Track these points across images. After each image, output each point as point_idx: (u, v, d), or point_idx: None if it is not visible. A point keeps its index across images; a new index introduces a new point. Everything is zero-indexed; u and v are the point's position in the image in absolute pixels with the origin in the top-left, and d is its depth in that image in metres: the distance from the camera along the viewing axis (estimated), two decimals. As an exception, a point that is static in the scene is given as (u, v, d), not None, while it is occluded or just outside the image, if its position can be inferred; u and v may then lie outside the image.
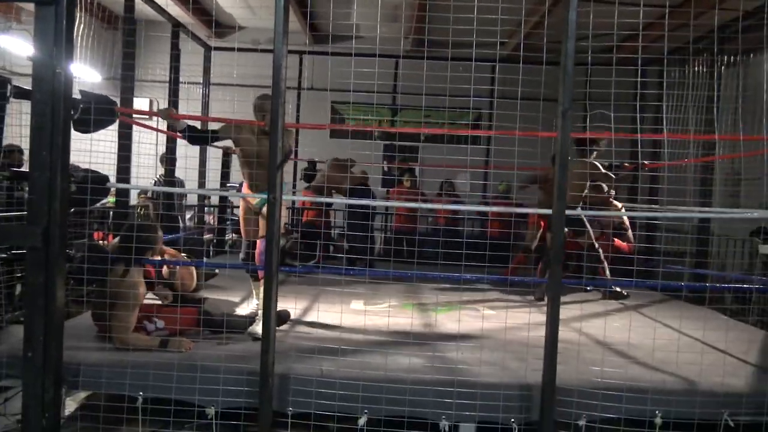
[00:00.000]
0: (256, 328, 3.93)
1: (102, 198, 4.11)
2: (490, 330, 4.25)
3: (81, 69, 6.77)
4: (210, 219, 9.00)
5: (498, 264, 6.53)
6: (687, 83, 5.93)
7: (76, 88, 3.14)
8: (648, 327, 4.35)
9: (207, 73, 7.86)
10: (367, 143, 8.87)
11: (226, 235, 8.52)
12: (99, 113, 3.40)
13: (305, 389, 3.15)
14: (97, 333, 3.77)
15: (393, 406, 3.15)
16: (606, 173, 5.56)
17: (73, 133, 3.07)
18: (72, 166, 3.11)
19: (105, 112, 3.50)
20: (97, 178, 3.55)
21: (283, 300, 3.98)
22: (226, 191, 8.00)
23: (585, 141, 5.44)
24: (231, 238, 8.65)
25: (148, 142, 5.56)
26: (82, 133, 3.44)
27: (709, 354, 3.82)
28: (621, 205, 6.34)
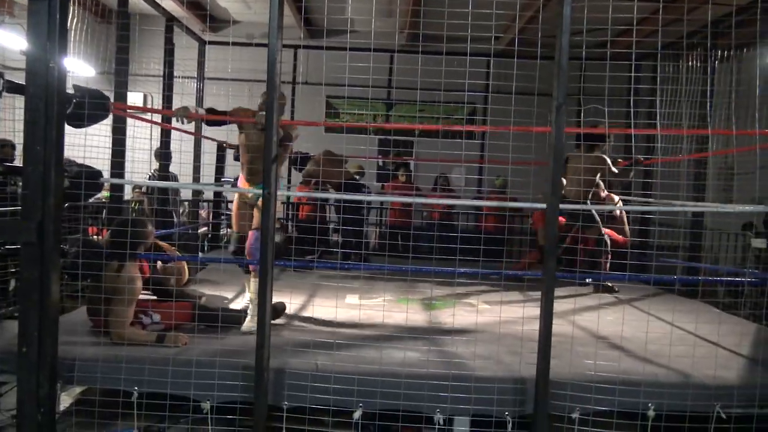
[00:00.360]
0: (249, 324, 3.94)
1: (96, 193, 4.09)
2: (484, 324, 4.26)
3: (74, 63, 6.72)
4: (203, 214, 8.98)
5: (493, 258, 6.55)
6: (680, 78, 5.95)
7: (69, 82, 3.12)
8: (641, 320, 4.38)
9: (201, 68, 7.83)
10: (362, 138, 8.86)
11: (220, 230, 8.51)
12: (92, 108, 3.39)
13: (300, 383, 3.16)
14: (92, 328, 3.77)
15: (388, 399, 3.17)
16: (613, 170, 5.61)
17: (67, 128, 3.06)
18: (66, 160, 3.10)
19: (98, 106, 3.49)
20: (91, 173, 3.53)
21: (279, 294, 3.99)
22: (220, 186, 7.98)
23: (594, 135, 5.46)
24: (226, 233, 8.64)
25: (142, 137, 5.54)
26: (75, 128, 3.43)
27: (702, 347, 3.85)
28: (618, 199, 6.37)
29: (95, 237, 5.78)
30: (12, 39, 7.03)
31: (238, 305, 4.64)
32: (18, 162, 5.42)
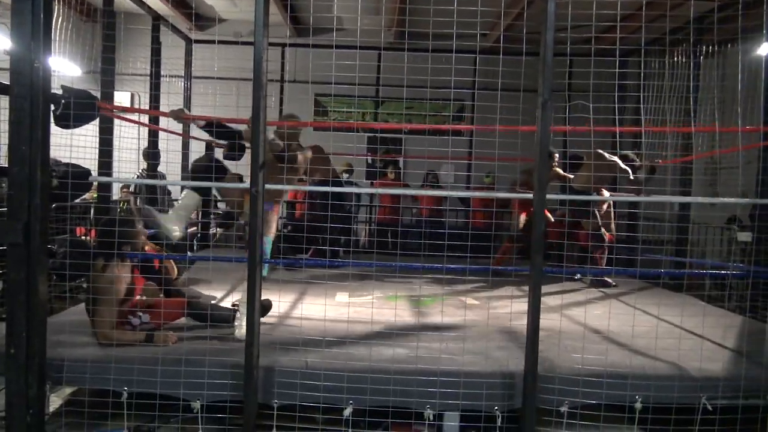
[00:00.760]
0: (242, 330, 3.87)
1: (84, 193, 4.07)
2: (473, 320, 4.29)
3: (60, 63, 6.69)
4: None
5: (482, 254, 6.59)
6: (665, 74, 6.00)
7: (56, 82, 3.11)
8: (628, 314, 4.42)
9: (188, 67, 7.79)
10: (351, 136, 8.86)
11: (210, 229, 8.48)
12: (81, 109, 3.37)
13: (290, 381, 3.17)
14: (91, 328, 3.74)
15: (378, 396, 3.19)
16: (625, 169, 5.66)
17: (53, 128, 3.05)
18: (53, 160, 3.08)
19: (87, 107, 3.47)
20: (79, 172, 3.52)
21: (267, 293, 3.99)
22: (209, 183, 7.93)
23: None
24: (215, 232, 8.61)
25: (130, 136, 5.51)
26: (62, 129, 3.41)
27: (688, 340, 3.89)
28: (608, 194, 6.42)
29: (83, 237, 5.74)
30: (-4, 39, 6.97)
31: (227, 303, 4.63)
32: (4, 162, 5.38)
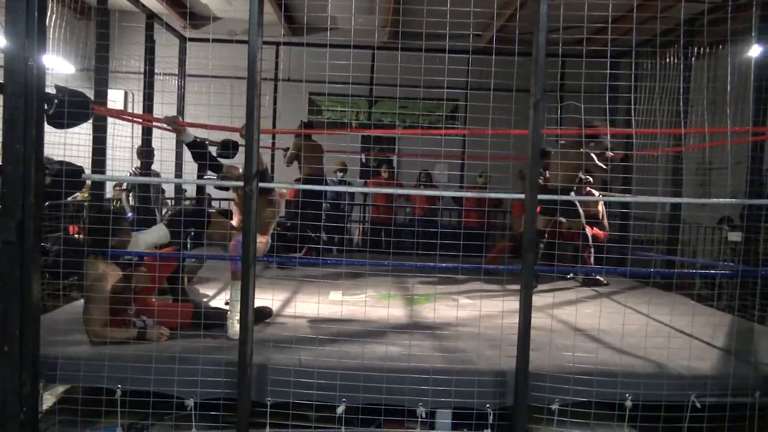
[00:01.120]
0: (236, 328, 3.87)
1: (77, 191, 4.07)
2: (465, 318, 4.32)
3: (54, 61, 6.67)
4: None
5: (474, 253, 6.63)
6: (657, 75, 6.04)
7: (49, 80, 3.11)
8: (618, 313, 4.46)
9: (182, 65, 7.78)
10: (345, 135, 8.87)
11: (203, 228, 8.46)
12: (74, 109, 3.37)
13: (284, 379, 3.18)
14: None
15: (371, 394, 3.21)
16: (598, 164, 5.66)
17: (46, 127, 3.05)
18: (45, 158, 3.09)
19: (81, 107, 3.47)
20: (72, 170, 3.51)
21: (261, 291, 3.99)
22: (202, 180, 7.93)
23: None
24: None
25: (123, 134, 5.50)
26: (56, 128, 3.41)
27: (677, 338, 3.94)
28: (599, 194, 6.47)
29: (76, 235, 5.74)
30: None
31: (220, 301, 4.65)
32: None
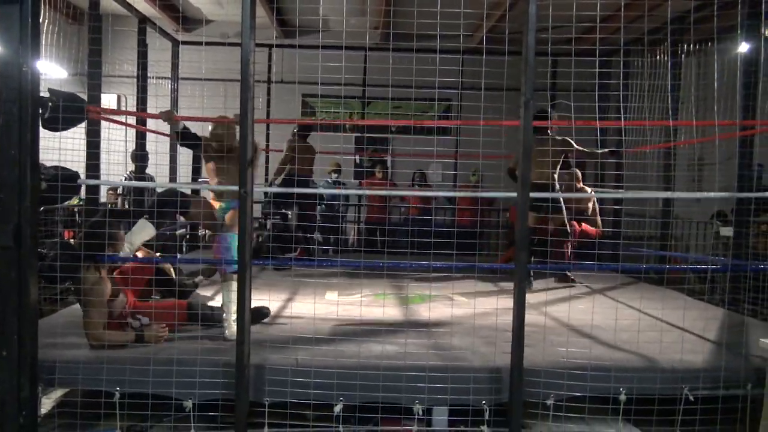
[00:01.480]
0: (233, 329, 3.88)
1: (71, 196, 4.08)
2: (460, 316, 4.35)
3: (47, 66, 6.68)
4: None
5: (468, 252, 6.66)
6: (645, 73, 6.10)
7: (43, 85, 3.13)
8: (611, 308, 4.50)
9: (175, 68, 7.80)
10: (339, 136, 8.90)
11: (199, 231, 8.48)
12: (68, 112, 3.39)
13: (281, 379, 3.21)
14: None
15: (368, 392, 3.24)
16: (580, 149, 5.62)
17: (41, 131, 3.06)
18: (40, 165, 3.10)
19: (75, 110, 3.49)
20: (67, 175, 3.53)
21: (258, 293, 4.02)
22: (197, 184, 7.96)
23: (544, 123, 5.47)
24: (204, 233, 8.61)
25: (118, 138, 5.52)
26: (51, 132, 3.43)
27: (669, 332, 3.98)
28: (591, 191, 6.50)
29: (71, 240, 5.75)
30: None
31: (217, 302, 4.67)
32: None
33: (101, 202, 7.11)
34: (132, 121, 6.36)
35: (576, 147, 5.59)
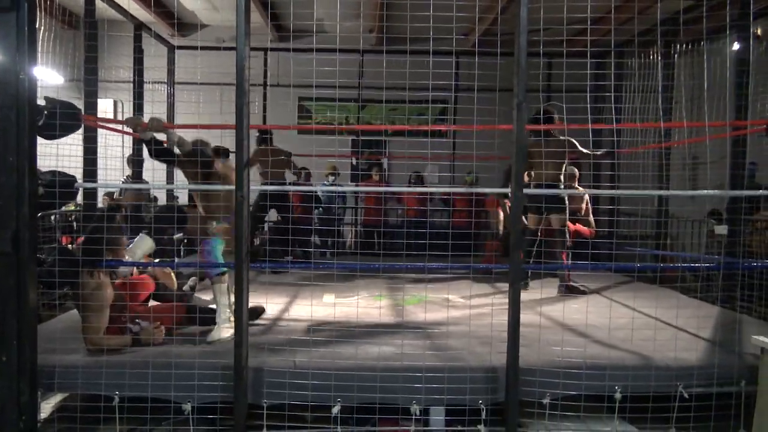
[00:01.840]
0: (219, 333, 3.87)
1: (69, 201, 4.10)
2: (456, 317, 4.38)
3: (43, 72, 6.70)
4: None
5: (464, 252, 6.68)
6: (635, 73, 6.14)
7: (39, 92, 3.15)
8: (606, 307, 4.53)
9: (171, 73, 7.82)
10: (335, 139, 8.92)
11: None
12: (64, 119, 3.41)
13: (279, 381, 3.23)
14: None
15: (365, 393, 3.26)
16: (583, 151, 5.62)
17: (38, 138, 3.08)
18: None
19: (70, 118, 3.51)
20: (64, 180, 3.55)
21: (255, 296, 4.04)
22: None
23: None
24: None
25: (114, 144, 5.54)
26: (47, 140, 3.45)
27: (664, 330, 4.01)
28: (585, 191, 6.53)
29: (69, 246, 5.76)
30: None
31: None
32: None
33: (98, 207, 7.13)
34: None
35: (579, 148, 5.61)
